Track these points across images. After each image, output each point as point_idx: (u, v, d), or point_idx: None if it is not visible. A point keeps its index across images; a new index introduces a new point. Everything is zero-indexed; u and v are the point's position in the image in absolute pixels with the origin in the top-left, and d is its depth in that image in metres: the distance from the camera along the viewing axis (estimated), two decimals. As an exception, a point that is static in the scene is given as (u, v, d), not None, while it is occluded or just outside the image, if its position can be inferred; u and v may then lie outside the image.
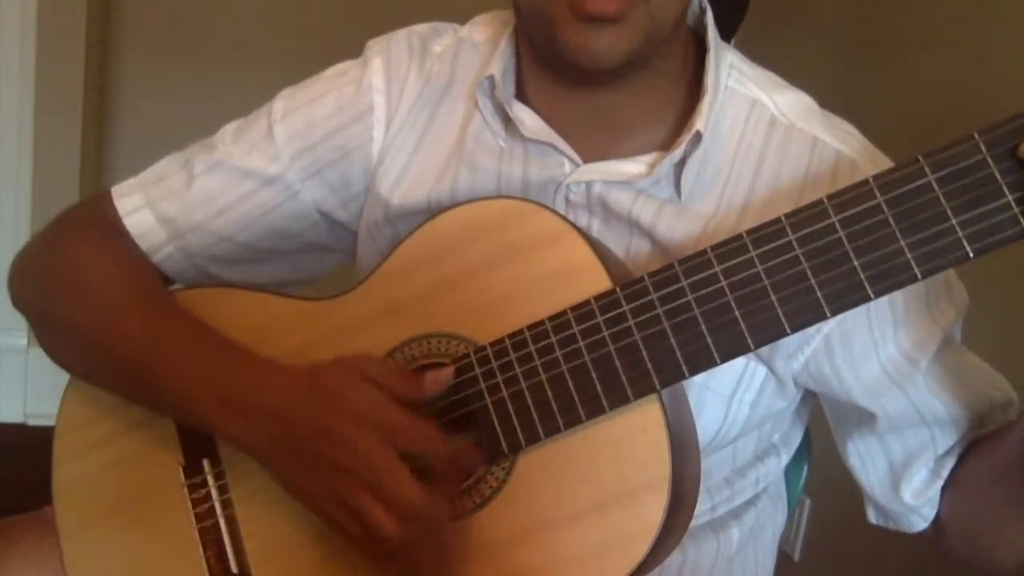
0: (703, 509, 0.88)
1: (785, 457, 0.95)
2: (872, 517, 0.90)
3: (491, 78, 0.83)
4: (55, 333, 0.89)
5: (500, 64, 0.83)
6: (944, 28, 1.67)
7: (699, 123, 0.78)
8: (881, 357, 0.80)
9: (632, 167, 0.81)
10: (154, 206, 0.91)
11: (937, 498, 0.84)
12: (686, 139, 0.78)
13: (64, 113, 2.27)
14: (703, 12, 0.84)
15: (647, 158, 0.81)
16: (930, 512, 0.85)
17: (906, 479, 0.84)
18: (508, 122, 0.84)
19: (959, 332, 0.84)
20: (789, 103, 0.82)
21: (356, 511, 0.70)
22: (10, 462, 1.72)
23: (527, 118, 0.83)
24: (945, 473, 0.84)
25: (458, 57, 0.89)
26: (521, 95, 0.85)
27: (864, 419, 0.84)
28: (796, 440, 0.96)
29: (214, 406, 0.77)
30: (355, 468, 0.70)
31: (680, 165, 0.79)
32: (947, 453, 0.84)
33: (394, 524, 0.69)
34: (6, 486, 1.34)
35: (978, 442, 0.83)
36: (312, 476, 0.73)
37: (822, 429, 0.93)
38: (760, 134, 0.81)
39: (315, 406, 0.72)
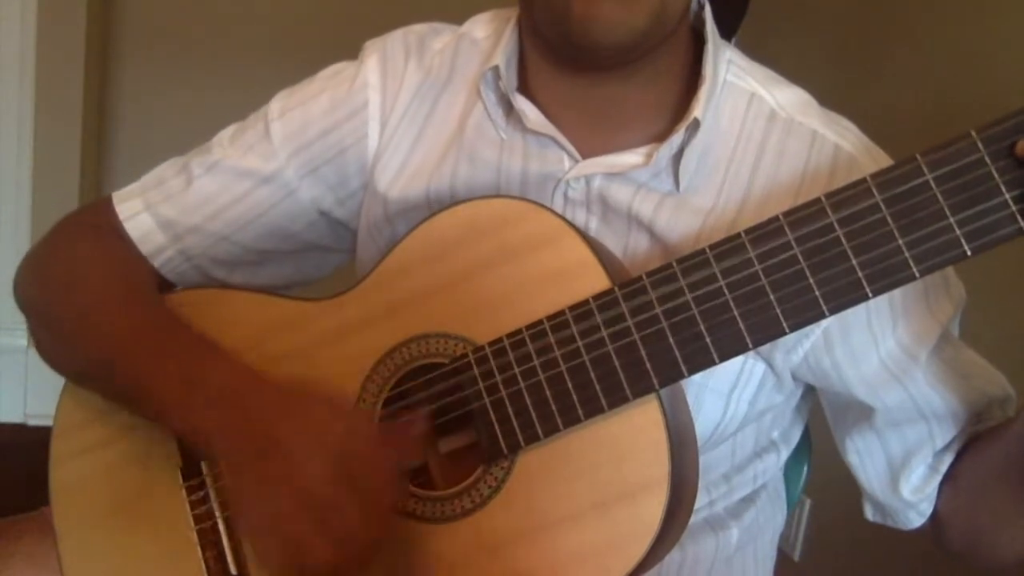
0: (701, 504, 0.89)
1: (784, 453, 0.95)
2: (869, 514, 0.90)
3: (495, 68, 0.83)
4: (46, 333, 0.90)
5: (504, 55, 0.83)
6: (942, 27, 1.67)
7: (696, 111, 0.78)
8: (880, 351, 0.80)
9: (630, 158, 0.81)
10: (153, 209, 0.91)
11: (935, 494, 0.85)
12: (683, 127, 0.78)
13: (64, 113, 2.27)
14: (701, 8, 0.84)
15: (645, 149, 0.81)
16: (928, 508, 0.85)
17: (905, 475, 0.85)
18: (510, 114, 0.84)
19: (957, 327, 0.84)
20: (788, 98, 0.83)
21: (292, 535, 0.69)
22: (10, 462, 1.71)
23: (529, 110, 0.83)
24: (943, 469, 0.84)
25: (458, 52, 0.89)
26: (523, 89, 0.85)
27: (863, 414, 0.85)
28: (795, 437, 0.96)
29: (184, 402, 0.76)
30: (300, 487, 0.69)
31: (678, 156, 0.79)
32: (945, 448, 0.84)
33: (328, 551, 0.68)
34: (6, 486, 1.34)
35: (976, 438, 0.84)
36: (257, 488, 0.71)
37: (822, 429, 0.93)
38: (759, 127, 0.81)
39: (284, 420, 0.72)
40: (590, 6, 0.73)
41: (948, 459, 0.84)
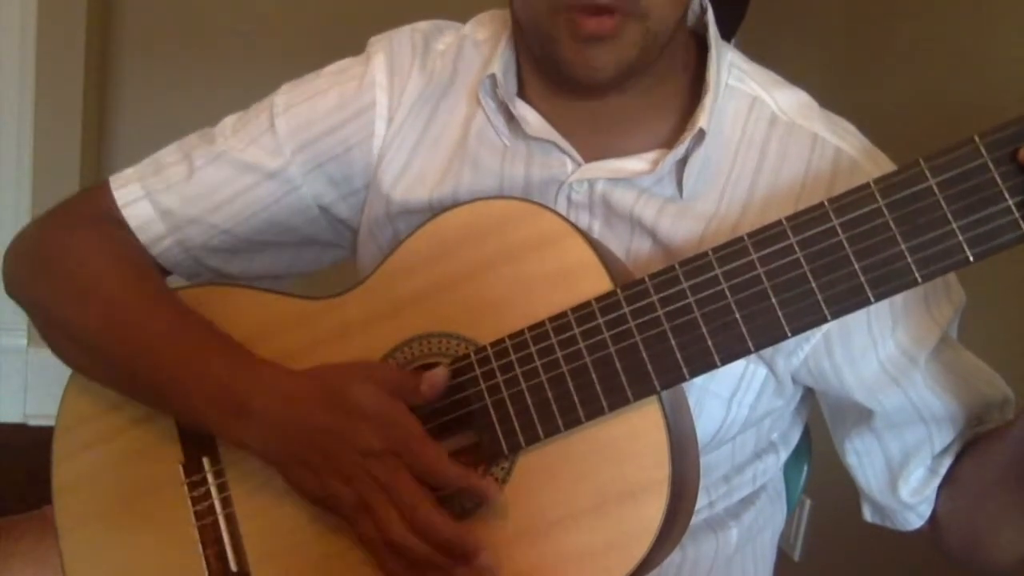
0: (701, 505, 0.88)
1: (784, 454, 0.95)
2: (868, 515, 0.90)
3: (492, 77, 0.83)
4: (54, 327, 0.89)
5: (501, 63, 0.84)
6: (943, 29, 1.67)
7: (702, 120, 0.78)
8: (880, 354, 0.80)
9: (635, 164, 0.81)
10: (153, 198, 0.90)
11: (934, 496, 0.85)
12: (689, 136, 0.78)
13: (64, 113, 2.27)
14: (703, 11, 0.84)
15: (650, 155, 0.81)
16: (926, 510, 0.85)
17: (903, 477, 0.85)
18: (511, 120, 0.84)
19: (955, 330, 0.84)
20: (789, 101, 0.83)
21: (374, 515, 0.72)
22: (10, 462, 1.72)
23: (530, 116, 0.83)
24: (942, 471, 0.84)
25: (460, 55, 0.89)
26: (523, 94, 0.85)
27: (862, 416, 0.85)
28: (795, 438, 0.96)
29: (224, 412, 0.77)
30: (377, 475, 0.72)
31: (682, 163, 0.80)
32: (944, 451, 0.84)
33: (410, 536, 0.71)
34: (6, 486, 1.35)
35: (976, 441, 0.84)
36: (328, 480, 0.74)
37: (822, 430, 0.93)
38: (761, 131, 0.81)
39: (330, 412, 0.74)
40: (578, 53, 0.75)
41: (947, 461, 0.84)
